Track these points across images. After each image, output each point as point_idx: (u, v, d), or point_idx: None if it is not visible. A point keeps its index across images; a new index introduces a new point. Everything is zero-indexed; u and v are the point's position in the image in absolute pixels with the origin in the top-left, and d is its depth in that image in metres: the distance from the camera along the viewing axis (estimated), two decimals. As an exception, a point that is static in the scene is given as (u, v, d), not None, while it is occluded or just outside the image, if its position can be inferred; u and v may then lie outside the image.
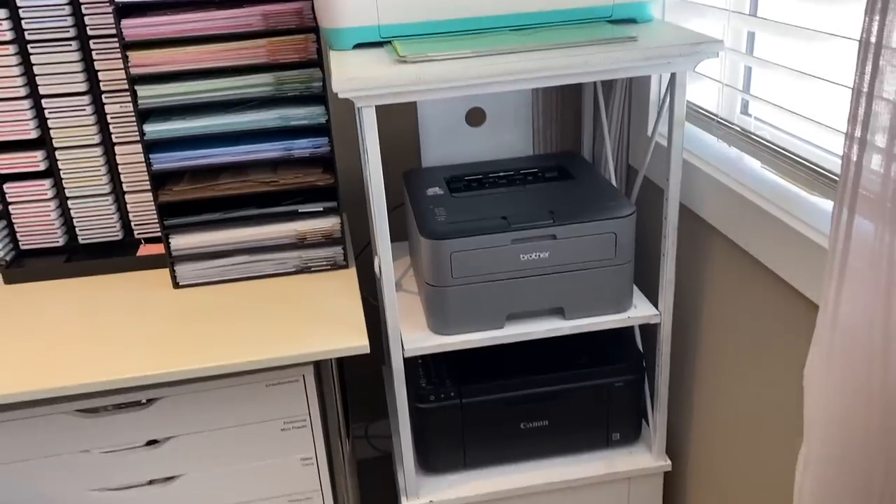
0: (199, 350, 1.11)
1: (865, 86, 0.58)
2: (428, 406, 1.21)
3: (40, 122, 1.31)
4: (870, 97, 0.58)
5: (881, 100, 0.57)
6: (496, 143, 1.41)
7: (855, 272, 0.63)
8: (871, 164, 0.60)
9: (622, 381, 1.25)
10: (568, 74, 0.96)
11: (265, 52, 1.17)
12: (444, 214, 1.14)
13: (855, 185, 0.62)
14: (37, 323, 1.20)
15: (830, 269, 0.63)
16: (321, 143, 1.24)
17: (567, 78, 0.97)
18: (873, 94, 0.58)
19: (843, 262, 0.62)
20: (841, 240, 0.62)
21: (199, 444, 1.19)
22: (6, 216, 1.35)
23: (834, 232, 0.62)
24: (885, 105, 0.57)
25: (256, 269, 1.30)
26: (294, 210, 1.28)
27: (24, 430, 1.13)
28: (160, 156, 1.21)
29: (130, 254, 1.37)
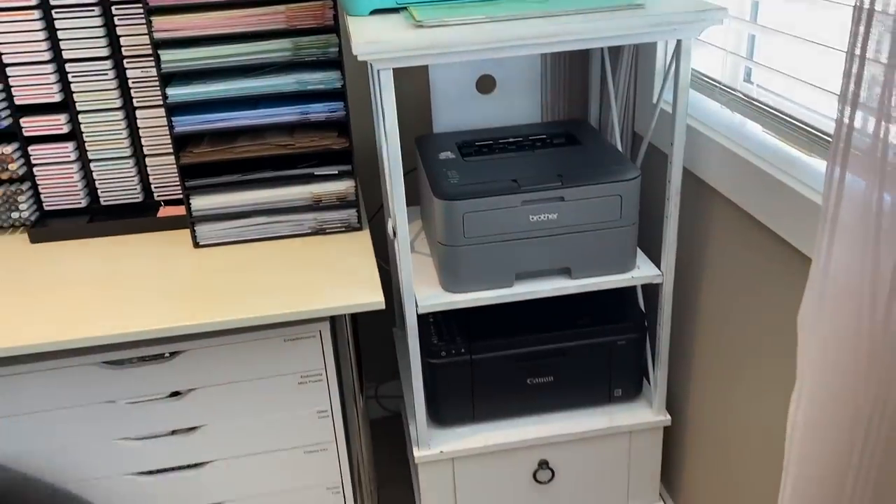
0: (219, 305, 1.16)
1: (858, 49, 0.62)
2: (439, 361, 1.26)
3: (63, 86, 1.35)
4: (862, 60, 0.62)
5: (872, 62, 0.61)
6: (506, 109, 1.45)
7: (845, 226, 0.67)
8: (861, 124, 0.64)
9: (624, 339, 1.30)
10: (576, 40, 1.00)
11: (284, 17, 1.21)
12: (456, 177, 1.19)
13: (847, 144, 0.66)
14: (62, 280, 1.25)
15: (823, 222, 0.68)
16: (337, 107, 1.28)
17: (575, 43, 1.01)
18: (865, 57, 0.62)
19: (835, 216, 0.66)
20: (833, 195, 0.66)
21: (220, 396, 1.25)
22: (31, 178, 1.40)
23: (826, 189, 0.67)
24: (875, 67, 0.61)
25: (273, 230, 1.35)
26: (310, 173, 1.33)
27: (54, 380, 1.19)
28: (182, 118, 1.25)
29: (151, 215, 1.42)
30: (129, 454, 1.26)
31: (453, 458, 1.30)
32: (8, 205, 1.39)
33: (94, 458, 1.25)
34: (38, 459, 1.23)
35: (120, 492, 1.28)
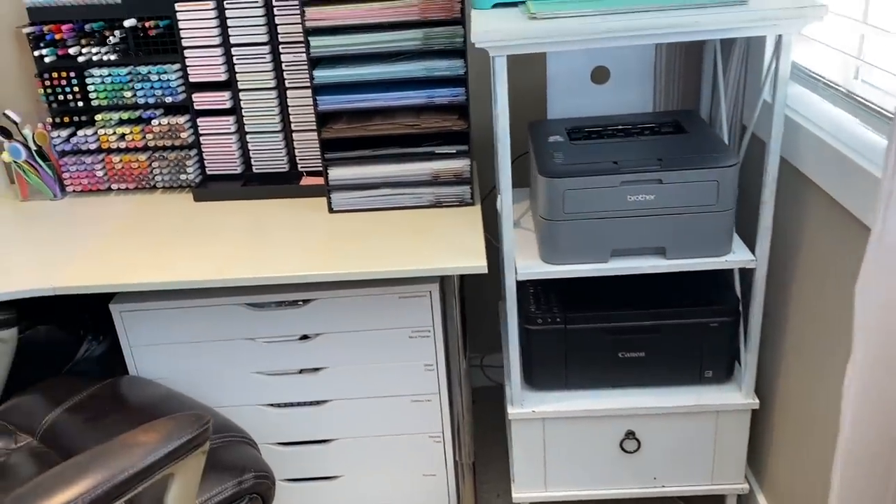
0: (346, 261, 1.33)
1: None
2: (536, 328, 1.37)
3: (229, 67, 1.57)
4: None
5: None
6: (618, 100, 1.53)
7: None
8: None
9: (718, 321, 1.36)
10: (678, 32, 1.08)
11: (417, 10, 1.36)
12: (561, 157, 1.29)
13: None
14: (218, 233, 1.46)
15: (881, 194, 0.74)
16: (459, 92, 1.42)
17: (677, 36, 1.09)
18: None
19: (892, 188, 0.72)
20: (891, 167, 0.72)
21: (341, 343, 1.42)
22: (197, 146, 1.63)
23: (885, 161, 0.73)
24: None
25: (397, 201, 1.51)
26: (431, 151, 1.47)
27: (205, 315, 1.40)
28: (325, 98, 1.43)
29: (294, 183, 1.62)
30: (262, 387, 1.46)
31: (544, 419, 1.41)
32: (178, 167, 1.63)
33: (232, 386, 1.46)
34: (185, 382, 1.45)
35: (250, 419, 1.48)
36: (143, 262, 1.35)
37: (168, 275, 1.31)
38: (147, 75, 1.56)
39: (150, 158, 1.62)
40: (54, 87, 1.58)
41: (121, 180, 1.64)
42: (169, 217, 1.54)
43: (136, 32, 1.55)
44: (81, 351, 1.49)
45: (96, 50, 1.54)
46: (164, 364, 1.43)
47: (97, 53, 1.54)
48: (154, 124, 1.59)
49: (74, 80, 1.57)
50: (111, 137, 1.60)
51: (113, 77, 1.56)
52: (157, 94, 1.58)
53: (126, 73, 1.56)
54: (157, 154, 1.62)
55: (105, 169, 1.63)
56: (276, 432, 1.50)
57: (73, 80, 1.57)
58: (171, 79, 1.57)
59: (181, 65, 1.56)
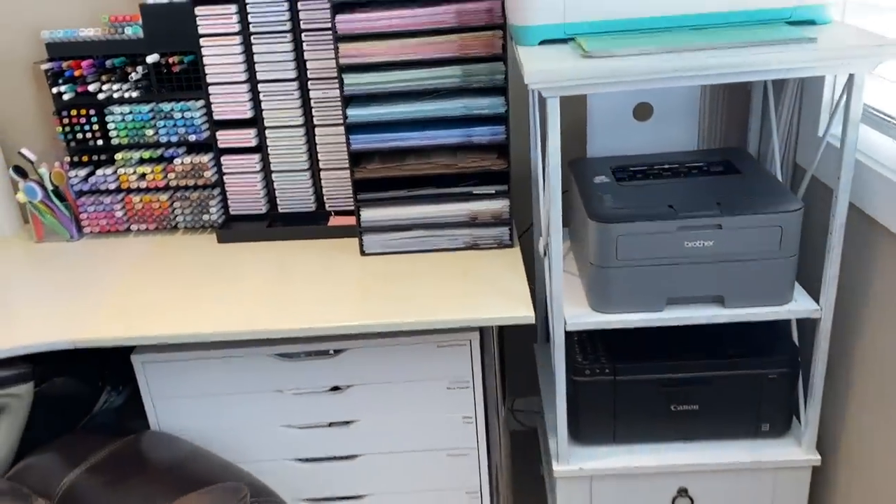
0: (380, 310, 1.25)
1: None
2: (583, 380, 1.29)
3: (255, 104, 1.51)
4: None
5: None
6: (662, 137, 1.47)
7: None
8: None
9: (776, 373, 1.28)
10: (748, 72, 1.02)
11: (457, 46, 1.30)
12: (611, 200, 1.23)
13: None
14: (243, 277, 1.39)
15: None
16: (499, 130, 1.36)
17: (747, 75, 1.03)
18: None
19: None
20: None
21: (375, 395, 1.35)
22: (221, 185, 1.56)
23: None
24: None
25: (432, 243, 1.44)
26: (469, 191, 1.41)
27: (232, 366, 1.32)
28: (358, 137, 1.37)
29: (322, 223, 1.55)
30: (291, 441, 1.38)
31: (592, 476, 1.32)
32: (201, 207, 1.56)
33: (259, 440, 1.38)
34: (209, 436, 1.37)
35: (277, 474, 1.40)
36: (167, 311, 1.28)
37: (193, 326, 1.23)
38: (170, 113, 1.50)
39: (172, 198, 1.56)
40: (73, 125, 1.51)
41: (140, 221, 1.57)
42: (192, 260, 1.47)
43: (159, 68, 1.49)
44: (100, 402, 1.41)
45: (117, 86, 1.48)
46: (187, 417, 1.35)
47: (118, 90, 1.48)
48: (176, 163, 1.53)
49: (94, 118, 1.51)
50: (131, 177, 1.54)
51: (134, 115, 1.50)
52: (180, 132, 1.51)
53: (148, 110, 1.50)
54: (179, 194, 1.55)
55: (125, 209, 1.57)
56: (305, 488, 1.42)
57: (93, 117, 1.51)
58: (195, 116, 1.50)
59: (205, 102, 1.50)
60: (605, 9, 1.14)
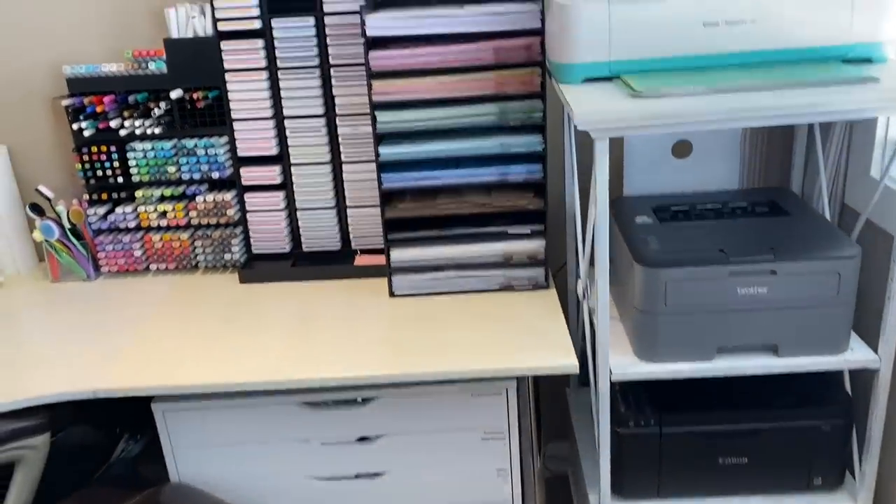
0: (412, 357, 1.19)
1: None
2: (626, 431, 1.23)
3: (281, 141, 1.46)
4: None
5: None
6: (701, 175, 1.42)
7: None
8: None
9: (829, 424, 1.22)
10: (810, 113, 0.97)
11: (493, 84, 1.25)
12: (656, 243, 1.17)
13: None
14: (267, 320, 1.33)
15: None
16: (535, 169, 1.31)
17: (808, 117, 0.98)
18: None
19: None
20: None
21: (405, 445, 1.28)
22: (243, 223, 1.51)
23: None
24: None
25: (464, 284, 1.38)
26: (503, 231, 1.35)
27: (255, 415, 1.26)
28: (389, 175, 1.32)
29: (348, 263, 1.49)
30: (316, 493, 1.31)
31: (635, 534, 1.25)
32: (223, 247, 1.51)
33: (284, 493, 1.31)
34: (231, 488, 1.30)
35: (303, 527, 1.33)
36: (189, 358, 1.22)
37: (216, 375, 1.18)
38: (193, 149, 1.45)
39: (193, 237, 1.51)
40: (93, 161, 1.47)
41: (160, 260, 1.52)
42: (213, 302, 1.41)
43: (183, 104, 1.45)
44: (117, 451, 1.35)
45: (139, 122, 1.44)
46: (208, 468, 1.29)
47: (140, 126, 1.43)
48: (198, 201, 1.48)
49: (115, 155, 1.46)
50: (152, 215, 1.49)
51: (156, 151, 1.46)
52: (203, 169, 1.46)
53: (170, 146, 1.46)
54: (201, 232, 1.50)
55: (144, 248, 1.51)
56: (331, 544, 1.35)
57: (114, 154, 1.46)
58: (219, 153, 1.46)
59: (229, 138, 1.45)
60: (652, 47, 1.10)
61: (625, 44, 1.10)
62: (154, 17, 1.48)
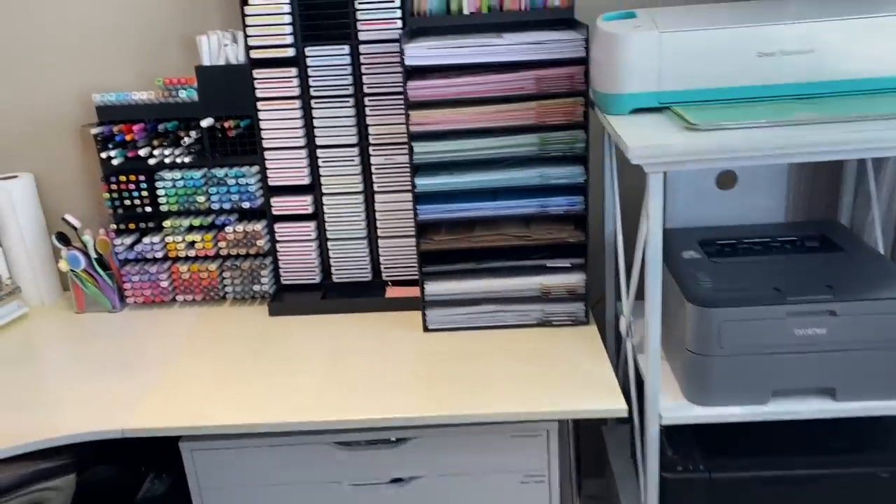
0: (450, 397, 1.15)
1: None
2: (674, 476, 1.17)
3: (312, 170, 1.43)
4: None
5: None
6: (746, 206, 1.37)
7: None
8: None
9: (887, 471, 1.16)
10: (875, 149, 0.92)
11: (534, 114, 1.22)
12: (708, 280, 1.12)
13: None
14: (297, 357, 1.29)
15: None
16: (576, 201, 1.27)
17: (872, 152, 0.93)
18: None
19: None
20: None
21: (440, 488, 1.23)
22: (273, 253, 1.48)
23: None
24: None
25: (499, 318, 1.34)
26: (542, 264, 1.31)
27: (284, 455, 1.21)
28: (426, 207, 1.28)
29: (378, 295, 1.45)
30: (347, 536, 1.26)
31: (683, 584, 1.19)
32: (252, 278, 1.47)
33: (313, 535, 1.26)
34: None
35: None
36: (218, 396, 1.18)
37: (245, 415, 1.14)
38: (223, 178, 1.42)
39: (222, 268, 1.47)
40: (121, 191, 1.44)
41: (187, 291, 1.48)
42: (241, 335, 1.37)
43: (213, 133, 1.42)
44: (142, 490, 1.30)
45: (169, 151, 1.41)
46: (236, 510, 1.24)
47: (170, 155, 1.41)
48: (228, 231, 1.45)
49: (143, 184, 1.43)
50: (180, 245, 1.46)
51: (185, 180, 1.43)
52: (234, 199, 1.43)
53: (200, 176, 1.42)
54: (229, 263, 1.47)
55: (171, 279, 1.48)
56: (362, 589, 1.29)
57: (142, 183, 1.43)
58: (250, 182, 1.42)
59: (260, 167, 1.42)
60: (704, 77, 1.06)
61: (675, 74, 1.06)
62: (185, 45, 1.46)
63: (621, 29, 1.07)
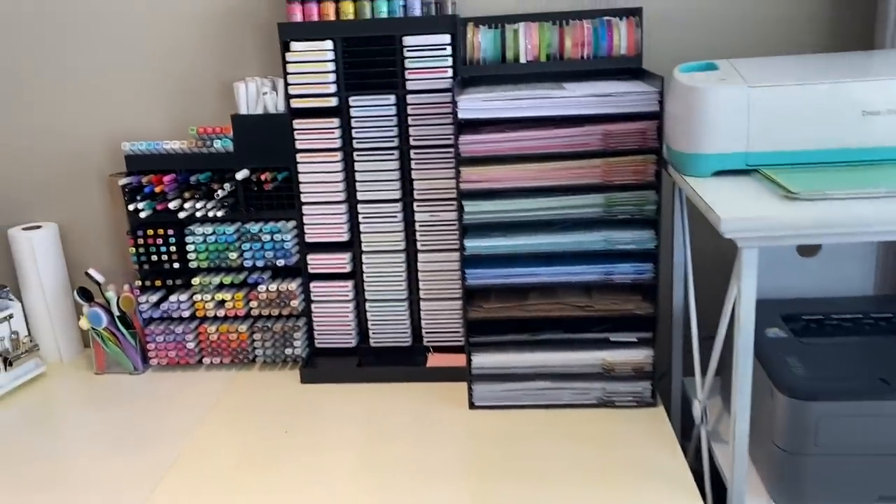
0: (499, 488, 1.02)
1: None
2: (757, 588, 1.02)
3: (352, 226, 1.32)
4: None
5: None
6: (829, 276, 1.23)
7: None
8: None
9: None
10: None
11: (600, 172, 1.10)
12: (799, 366, 0.99)
13: None
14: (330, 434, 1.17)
15: None
16: (645, 269, 1.14)
17: None
18: None
19: None
20: None
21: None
22: (307, 314, 1.37)
23: None
24: None
25: (554, 396, 1.21)
26: (605, 338, 1.18)
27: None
28: (475, 271, 1.17)
29: (418, 361, 1.33)
30: None
31: None
32: (284, 340, 1.36)
33: None
34: None
35: None
36: (243, 480, 1.07)
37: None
38: (257, 234, 1.32)
39: (252, 329, 1.36)
40: (147, 245, 1.34)
41: (215, 353, 1.38)
42: (271, 405, 1.26)
43: (249, 185, 1.32)
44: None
45: (201, 204, 1.31)
46: None
47: (201, 208, 1.31)
48: (260, 290, 1.34)
49: (172, 239, 1.34)
50: (208, 304, 1.35)
51: (217, 236, 1.33)
52: (268, 256, 1.33)
53: (233, 231, 1.33)
54: (261, 324, 1.36)
55: (197, 340, 1.37)
56: None
57: (171, 238, 1.34)
58: (285, 238, 1.32)
59: (297, 223, 1.32)
60: (799, 137, 0.94)
61: (766, 133, 0.94)
62: (222, 92, 1.38)
63: (704, 82, 0.96)
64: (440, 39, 1.22)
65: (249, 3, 1.34)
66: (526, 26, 1.21)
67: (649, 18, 1.26)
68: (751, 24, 1.29)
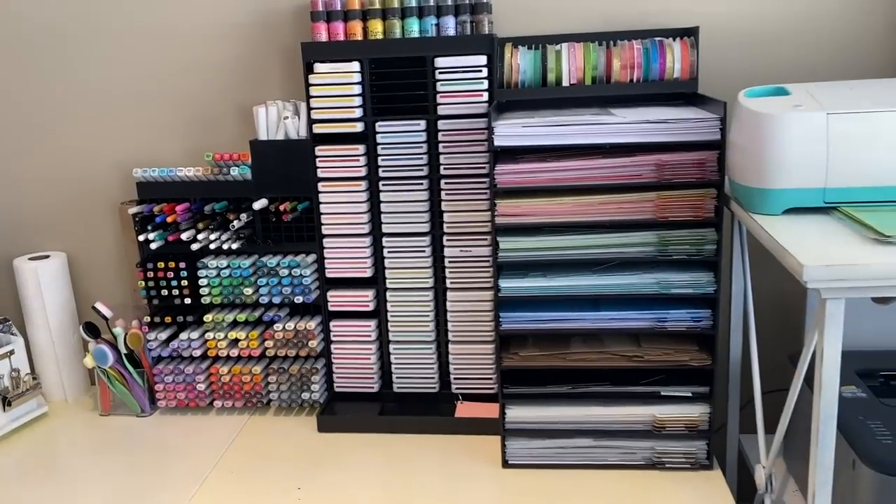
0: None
1: None
2: None
3: (376, 261, 1.22)
4: None
5: None
6: (907, 326, 1.10)
7: None
8: None
9: None
10: None
11: (652, 206, 0.99)
12: (886, 434, 0.85)
13: None
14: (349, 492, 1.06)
15: None
16: (702, 315, 1.02)
17: None
18: None
19: None
20: None
21: None
22: (326, 356, 1.27)
23: None
24: None
25: (598, 455, 1.08)
26: (655, 391, 1.06)
27: None
28: (510, 315, 1.05)
29: (447, 412, 1.22)
30: None
31: None
32: (301, 384, 1.26)
33: None
34: None
35: None
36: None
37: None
38: (275, 269, 1.23)
39: (267, 371, 1.26)
40: (157, 279, 1.26)
41: (226, 396, 1.28)
42: (285, 455, 1.15)
43: (267, 216, 1.23)
44: None
45: (215, 236, 1.22)
46: None
47: (216, 240, 1.22)
48: (277, 328, 1.24)
49: (183, 272, 1.25)
50: (221, 343, 1.26)
51: (232, 269, 1.24)
52: (286, 292, 1.23)
53: (249, 264, 1.23)
54: (276, 365, 1.26)
55: (209, 382, 1.28)
56: None
57: (182, 271, 1.25)
58: (305, 274, 1.22)
59: (318, 256, 1.23)
60: (886, 171, 0.82)
61: (849, 165, 0.83)
62: (240, 116, 1.29)
63: (776, 108, 0.85)
64: (475, 61, 1.12)
65: (271, 22, 1.26)
66: (569, 47, 1.11)
67: (705, 39, 1.15)
68: (815, 46, 1.18)
